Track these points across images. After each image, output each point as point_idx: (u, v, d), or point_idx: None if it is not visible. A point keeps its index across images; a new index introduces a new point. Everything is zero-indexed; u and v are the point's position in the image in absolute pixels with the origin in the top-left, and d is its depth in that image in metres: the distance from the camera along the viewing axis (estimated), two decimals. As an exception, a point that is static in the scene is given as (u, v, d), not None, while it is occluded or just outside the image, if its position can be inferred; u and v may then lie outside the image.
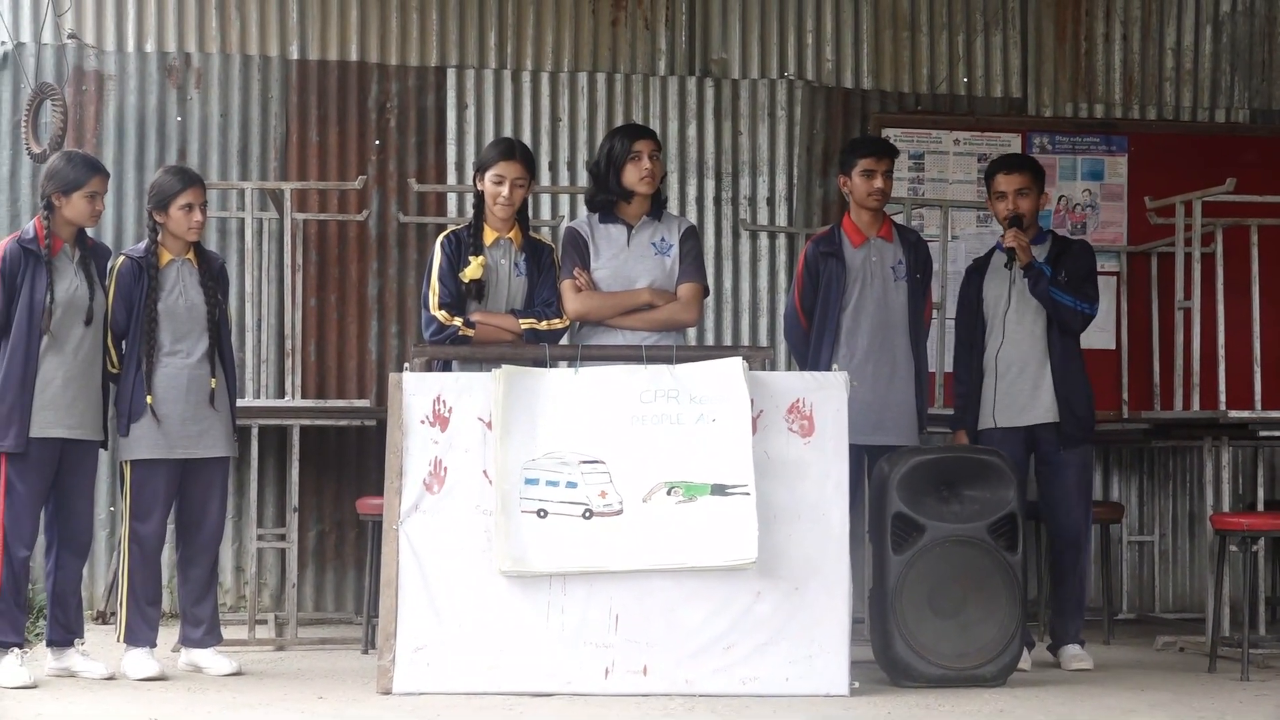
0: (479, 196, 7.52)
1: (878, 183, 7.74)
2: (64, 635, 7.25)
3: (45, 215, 7.18)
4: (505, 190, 7.41)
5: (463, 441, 6.87)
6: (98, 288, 7.26)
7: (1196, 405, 8.88)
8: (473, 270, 7.36)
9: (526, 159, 7.50)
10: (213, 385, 7.34)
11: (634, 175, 7.49)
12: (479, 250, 7.40)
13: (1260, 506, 8.86)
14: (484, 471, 6.84)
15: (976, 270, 8.06)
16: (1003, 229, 7.87)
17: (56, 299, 7.10)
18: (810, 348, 7.75)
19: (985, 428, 7.86)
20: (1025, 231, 7.83)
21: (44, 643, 7.36)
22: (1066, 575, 7.86)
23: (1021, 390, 7.80)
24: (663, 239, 7.55)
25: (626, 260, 7.51)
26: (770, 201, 10.13)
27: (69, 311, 7.14)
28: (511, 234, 7.49)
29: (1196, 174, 9.58)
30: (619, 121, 9.76)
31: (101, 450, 7.40)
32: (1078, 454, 7.83)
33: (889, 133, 10.01)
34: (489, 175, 7.43)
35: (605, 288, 7.47)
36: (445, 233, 7.57)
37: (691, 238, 7.61)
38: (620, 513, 6.82)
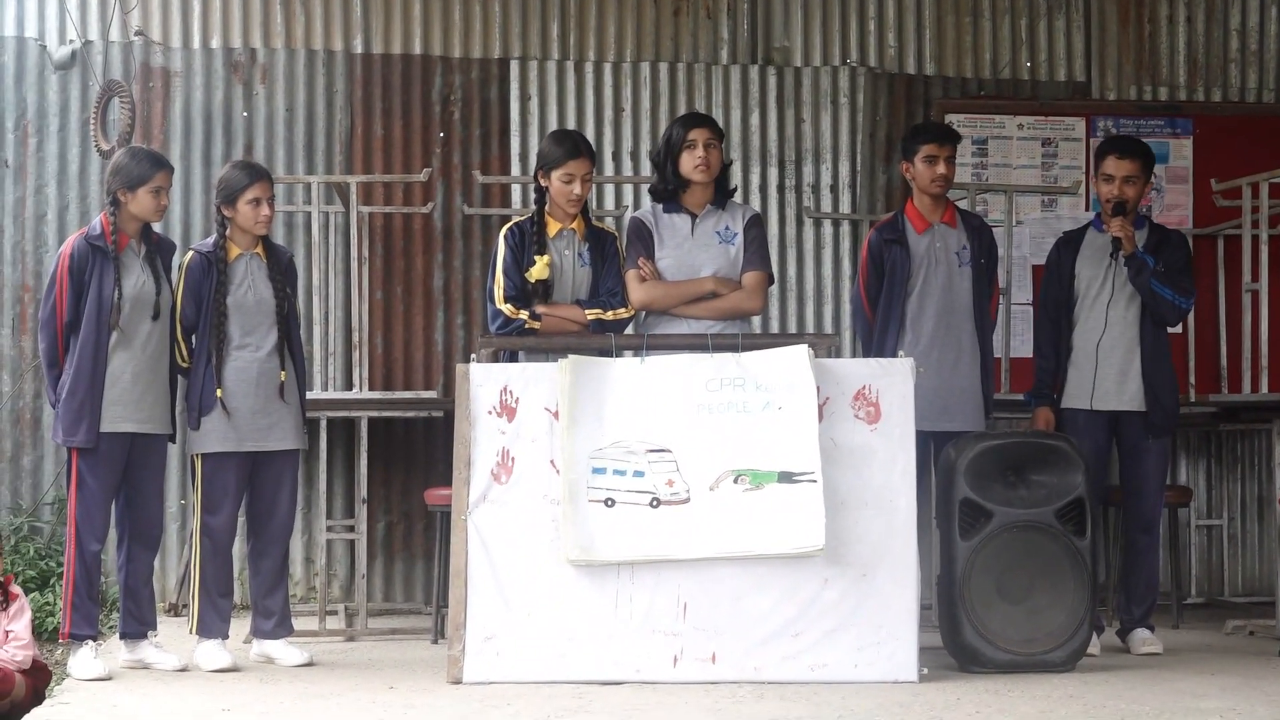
0: (540, 191, 7.52)
1: (940, 168, 7.71)
2: (137, 627, 7.30)
3: (111, 211, 7.22)
4: (577, 188, 7.40)
5: (530, 432, 6.88)
6: (164, 282, 7.30)
7: (1265, 388, 8.82)
8: (539, 270, 7.36)
9: (590, 153, 7.50)
10: (282, 378, 7.38)
11: (689, 164, 7.48)
12: (542, 249, 7.40)
13: (1330, 489, 8.81)
14: (551, 461, 6.85)
15: (1068, 243, 7.95)
16: (1104, 212, 7.77)
17: (124, 294, 7.14)
18: (875, 334, 7.74)
19: (1073, 408, 7.80)
20: (1127, 217, 7.74)
21: (117, 635, 7.42)
22: (1140, 560, 7.81)
23: (1108, 375, 7.74)
24: (727, 227, 7.54)
25: (691, 249, 7.50)
26: (833, 189, 10.11)
27: (136, 307, 7.19)
28: (575, 224, 7.49)
29: (1262, 155, 9.54)
30: (681, 111, 9.75)
31: (170, 444, 7.46)
32: (1161, 442, 7.79)
33: (952, 118, 9.99)
34: (557, 174, 7.40)
35: (670, 277, 7.47)
36: (508, 225, 7.56)
37: (756, 226, 7.60)
38: (687, 501, 6.82)
